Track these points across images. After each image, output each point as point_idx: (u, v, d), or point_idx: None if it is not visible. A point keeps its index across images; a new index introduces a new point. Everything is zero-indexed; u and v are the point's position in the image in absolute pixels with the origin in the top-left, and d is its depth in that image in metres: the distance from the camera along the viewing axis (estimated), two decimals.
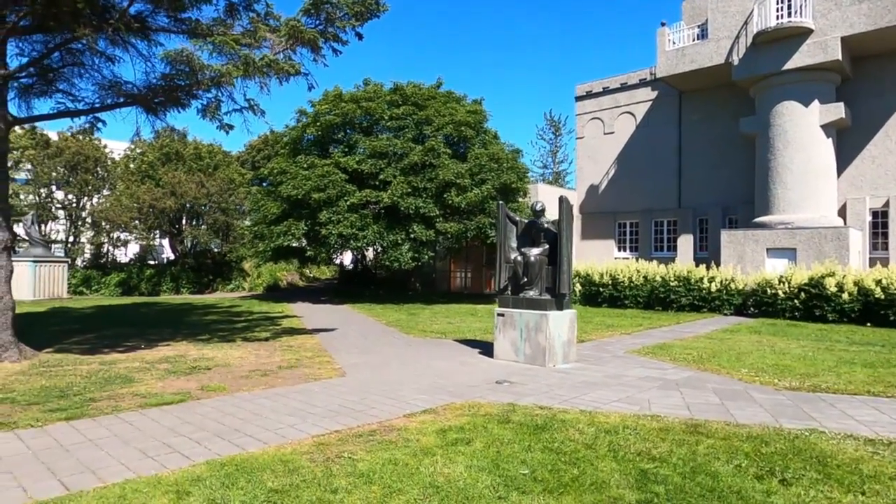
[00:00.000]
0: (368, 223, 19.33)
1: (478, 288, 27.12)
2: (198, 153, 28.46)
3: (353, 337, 12.00)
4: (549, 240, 9.11)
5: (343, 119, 20.50)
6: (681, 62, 23.40)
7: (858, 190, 21.14)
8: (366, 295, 23.77)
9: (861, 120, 20.93)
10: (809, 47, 20.08)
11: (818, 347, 10.71)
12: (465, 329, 13.30)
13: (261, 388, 6.83)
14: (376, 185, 19.97)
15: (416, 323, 14.68)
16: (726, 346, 10.79)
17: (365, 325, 14.42)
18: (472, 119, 20.59)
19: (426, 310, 18.53)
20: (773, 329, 13.65)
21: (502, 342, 9.11)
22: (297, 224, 19.80)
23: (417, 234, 18.99)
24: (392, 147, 19.77)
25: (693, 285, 17.93)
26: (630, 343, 11.21)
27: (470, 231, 19.32)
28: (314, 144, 21.66)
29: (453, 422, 5.39)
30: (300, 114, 21.92)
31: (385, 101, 20.85)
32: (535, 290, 9.00)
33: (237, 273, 29.19)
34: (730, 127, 23.88)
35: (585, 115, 29.57)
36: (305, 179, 19.49)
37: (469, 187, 19.16)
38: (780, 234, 20.09)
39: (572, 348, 9.01)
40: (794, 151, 20.56)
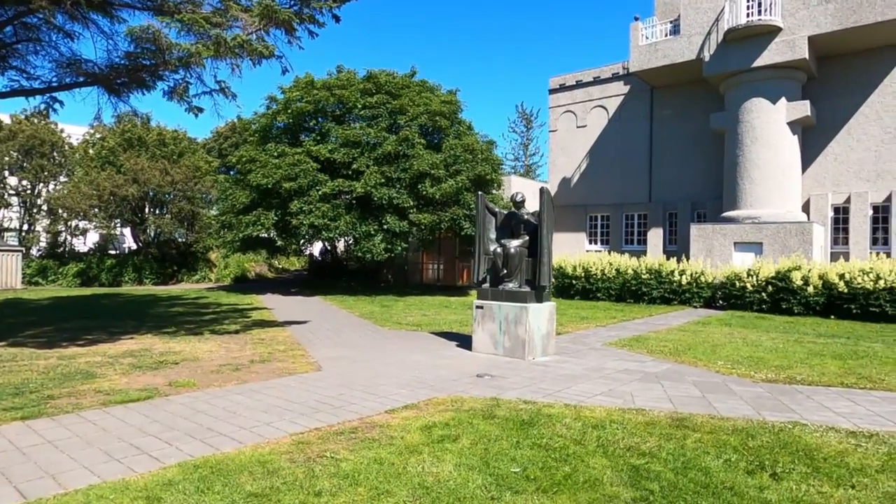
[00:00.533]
0: (341, 213, 18.95)
1: (451, 280, 27.01)
2: (161, 139, 27.45)
3: (326, 329, 11.71)
4: (529, 231, 9.00)
5: (315, 107, 20.02)
6: (653, 57, 23.59)
7: (821, 186, 21.73)
8: (337, 286, 23.39)
9: (825, 118, 21.49)
10: (778, 45, 20.47)
11: (788, 339, 10.92)
12: (441, 321, 13.15)
13: (233, 384, 6.54)
14: (349, 174, 19.58)
15: (391, 315, 14.46)
16: (700, 338, 10.90)
17: (338, 317, 14.13)
18: (446, 109, 20.36)
19: (399, 302, 18.31)
20: (742, 321, 13.90)
21: (481, 335, 8.98)
22: (266, 214, 19.28)
23: (391, 224, 18.72)
24: (365, 136, 19.41)
25: (664, 278, 18.17)
26: (606, 335, 11.23)
27: (444, 222, 19.14)
28: (285, 132, 21.11)
29: (437, 417, 5.23)
30: (270, 100, 21.32)
31: (358, 89, 20.43)
32: (515, 282, 8.89)
33: (203, 264, 28.38)
34: (700, 123, 24.24)
35: (559, 108, 29.64)
36: (276, 168, 18.98)
37: (443, 178, 18.95)
38: (747, 229, 20.51)
39: (551, 341, 8.94)
40: (762, 148, 20.99)
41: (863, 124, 20.98)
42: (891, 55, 20.37)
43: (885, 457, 4.41)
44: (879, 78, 20.66)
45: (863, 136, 20.97)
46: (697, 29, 22.27)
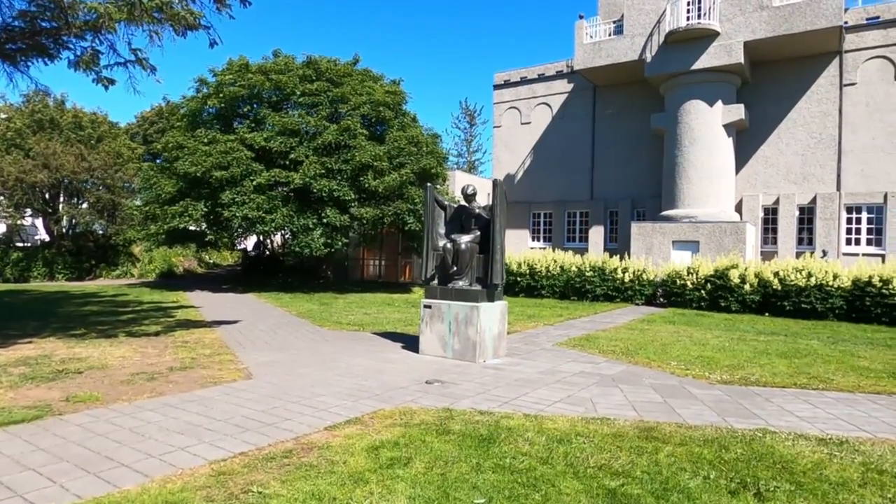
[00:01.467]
0: (277, 206, 17.86)
1: (393, 276, 26.30)
2: (77, 122, 25.16)
3: (259, 330, 10.80)
4: (480, 226, 8.49)
5: (250, 91, 18.78)
6: (597, 56, 23.73)
7: (753, 188, 22.53)
8: (273, 283, 22.20)
9: (757, 122, 22.27)
10: (715, 49, 20.99)
11: (731, 338, 10.98)
12: (384, 321, 12.49)
13: (145, 397, 5.66)
14: (286, 164, 18.50)
15: (330, 314, 13.65)
16: (648, 337, 10.78)
17: (273, 316, 13.18)
18: (390, 100, 19.62)
19: (339, 299, 17.47)
20: (684, 319, 14.02)
21: (429, 336, 8.40)
22: (195, 205, 17.90)
23: (330, 218, 17.81)
24: (304, 125, 18.38)
25: (608, 276, 18.22)
26: (556, 335, 10.93)
27: (387, 217, 18.42)
28: (216, 118, 19.72)
29: (385, 434, 4.61)
30: (200, 83, 19.82)
31: (297, 75, 19.33)
32: (465, 279, 8.37)
33: (125, 258, 26.32)
34: (641, 123, 24.63)
35: (503, 103, 29.45)
36: (205, 155, 17.64)
37: (387, 171, 18.22)
38: (684, 228, 20.96)
39: (503, 342, 8.49)
40: (699, 149, 21.50)
41: (791, 129, 21.87)
42: (818, 64, 21.32)
43: (862, 468, 4.17)
44: (807, 85, 21.59)
45: (791, 140, 21.87)
46: (640, 30, 22.55)
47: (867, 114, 20.66)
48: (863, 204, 20.64)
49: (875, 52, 20.61)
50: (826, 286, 14.48)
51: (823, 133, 21.33)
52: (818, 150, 21.40)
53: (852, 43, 20.86)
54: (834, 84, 21.19)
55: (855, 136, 20.81)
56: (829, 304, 14.46)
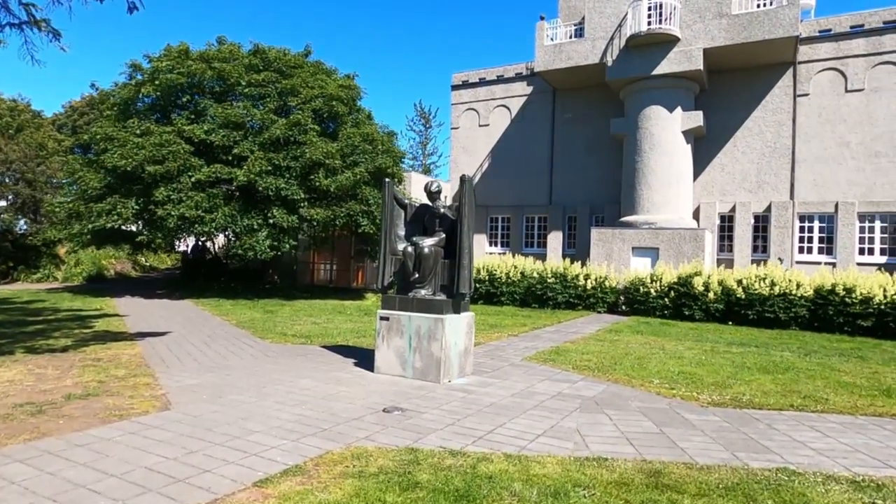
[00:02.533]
0: (218, 204, 16.40)
1: (345, 281, 25.01)
2: None
3: (190, 344, 9.48)
4: (445, 228, 7.55)
5: (189, 80, 17.23)
6: (558, 58, 23.29)
7: (710, 195, 22.54)
8: (214, 288, 20.56)
9: (714, 130, 22.30)
10: (676, 55, 20.86)
11: (704, 349, 10.43)
12: (334, 331, 11.35)
13: (21, 440, 4.40)
14: (229, 160, 17.05)
15: (275, 323, 12.39)
16: (620, 349, 10.09)
17: (209, 326, 11.82)
18: (344, 94, 18.46)
19: (286, 307, 16.15)
20: (651, 329, 13.49)
21: (386, 353, 7.38)
22: (124, 202, 16.21)
23: (277, 219, 16.48)
24: (250, 118, 16.99)
25: (569, 283, 17.62)
26: (523, 347, 10.09)
27: (339, 218, 17.22)
28: (152, 108, 18.05)
29: (334, 492, 3.58)
30: (133, 68, 18.08)
31: (243, 64, 17.92)
32: (429, 288, 7.39)
33: (47, 260, 24.00)
34: (600, 127, 24.35)
35: (461, 104, 28.71)
36: (137, 148, 16.01)
37: (339, 169, 17.05)
38: (644, 234, 20.68)
39: (469, 358, 7.56)
40: (659, 155, 21.30)
41: (747, 137, 21.99)
42: (773, 74, 21.51)
43: None
44: (762, 95, 21.76)
45: (747, 148, 21.98)
46: (601, 33, 22.22)
47: (819, 124, 20.96)
48: (815, 213, 20.89)
49: (827, 64, 20.95)
50: (790, 295, 14.27)
51: (778, 142, 21.52)
52: (773, 158, 21.57)
53: (805, 55, 21.16)
54: (788, 94, 21.43)
55: (808, 146, 21.07)
56: (792, 314, 14.25)
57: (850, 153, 20.44)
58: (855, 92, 20.42)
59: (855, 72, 20.40)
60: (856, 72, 20.38)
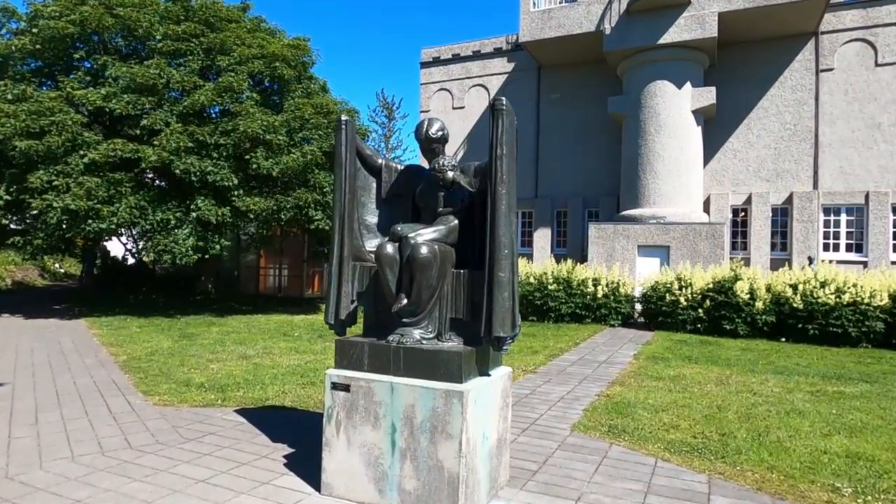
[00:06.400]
0: (122, 193, 12.34)
1: (297, 289, 21.07)
2: None
3: (8, 415, 5.61)
4: (458, 209, 3.98)
5: (82, 30, 13.08)
6: (546, 26, 20.01)
7: (720, 185, 19.65)
8: (129, 302, 16.38)
9: (724, 111, 19.41)
10: (686, 21, 17.86)
11: (810, 391, 7.18)
12: (268, 373, 7.60)
13: None
14: (137, 135, 13.00)
15: (184, 359, 8.54)
16: (700, 398, 6.73)
17: (77, 368, 7.89)
18: (291, 55, 14.60)
19: (214, 327, 12.25)
20: (696, 352, 10.22)
21: (345, 457, 3.73)
22: None
23: (203, 212, 12.53)
24: (165, 79, 12.96)
25: (575, 290, 14.27)
26: (556, 398, 6.60)
27: (285, 211, 13.36)
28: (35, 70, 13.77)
29: None
30: (4, 14, 13.73)
31: (156, 11, 13.88)
32: (428, 325, 3.79)
33: None
34: (593, 109, 21.22)
35: (432, 84, 25.15)
36: (5, 117, 11.82)
37: (285, 148, 13.22)
38: (652, 230, 17.59)
39: (505, 455, 4.00)
40: (667, 138, 18.26)
41: (763, 119, 19.19)
42: (791, 46, 18.76)
43: None
44: (780, 71, 18.99)
45: (763, 131, 19.18)
46: None
47: (845, 103, 18.29)
48: (842, 205, 18.20)
49: (854, 35, 18.30)
50: (861, 304, 11.25)
51: (798, 124, 18.77)
52: (793, 143, 18.81)
53: (829, 24, 18.47)
54: (809, 69, 18.70)
55: (832, 129, 18.38)
56: (864, 328, 11.24)
57: (881, 136, 17.81)
58: (887, 66, 17.79)
59: (886, 42, 17.78)
60: (887, 42, 17.77)
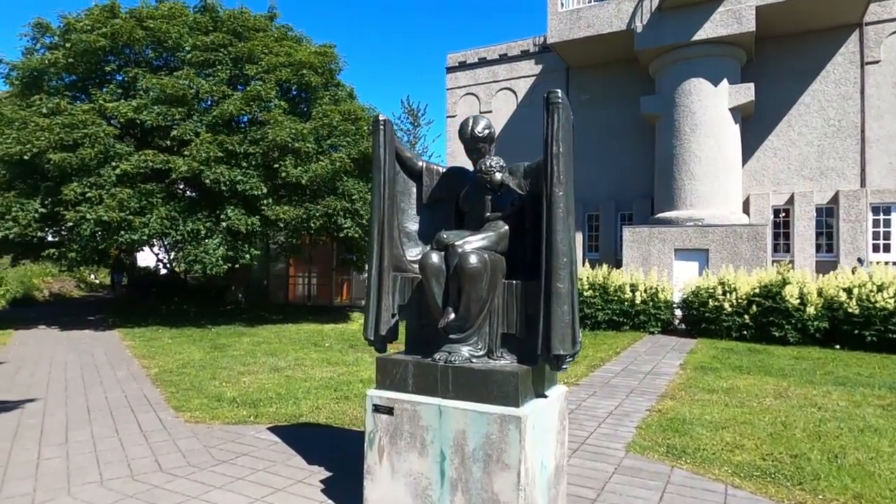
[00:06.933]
0: (153, 204, 12.35)
1: (326, 297, 20.98)
2: None
3: (39, 434, 5.47)
4: (508, 214, 3.66)
5: (114, 43, 13.18)
6: (575, 26, 19.60)
7: (760, 185, 18.90)
8: (161, 312, 16.46)
9: (763, 107, 18.68)
10: (722, 16, 17.25)
11: (881, 405, 6.63)
12: (301, 386, 7.37)
13: None
14: (167, 146, 13.03)
15: (215, 372, 8.38)
16: (761, 414, 6.25)
17: (110, 382, 7.79)
18: (318, 62, 14.51)
19: (245, 337, 12.13)
20: (744, 360, 9.67)
21: (389, 486, 3.43)
22: (23, 203, 12.12)
23: (232, 221, 12.47)
24: (195, 89, 12.98)
25: (612, 296, 13.78)
26: (603, 412, 6.21)
27: (314, 219, 13.22)
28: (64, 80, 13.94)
29: None
30: (38, 29, 13.93)
31: (186, 23, 13.94)
32: (477, 341, 3.47)
33: None
34: (625, 110, 20.69)
35: (458, 89, 24.92)
36: (40, 130, 11.94)
37: (313, 155, 13.10)
38: (689, 233, 16.98)
39: (562, 484, 3.65)
40: (703, 137, 17.64)
41: (804, 115, 18.40)
42: (833, 39, 17.98)
43: None
44: (822, 64, 18.20)
45: (805, 128, 18.39)
46: None
47: (893, 96, 17.42)
48: (892, 203, 17.29)
49: None
50: None
51: (843, 120, 17.94)
52: (837, 139, 17.98)
53: (874, 14, 17.63)
54: (854, 62, 17.87)
55: (880, 123, 17.51)
56: None
57: None
58: None
59: None
60: None
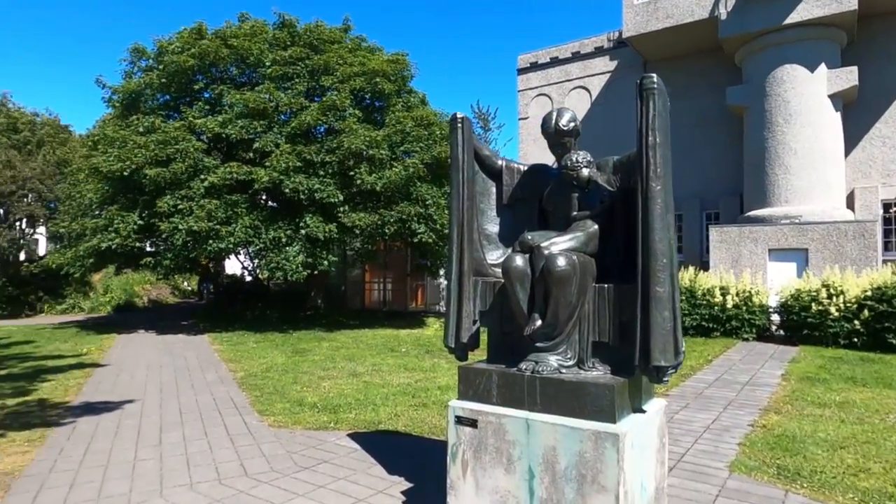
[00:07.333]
0: (238, 213, 12.91)
1: (401, 302, 21.17)
2: (12, 124, 20.56)
3: (136, 434, 5.72)
4: (597, 213, 3.39)
5: (201, 62, 13.94)
6: (653, 18, 18.76)
7: (867, 177, 17.24)
8: (246, 318, 17.19)
9: (868, 92, 17.03)
10: None
11: None
12: (379, 392, 7.35)
13: None
14: (250, 158, 13.60)
15: (298, 375, 8.56)
16: (876, 428, 5.55)
17: (201, 385, 8.12)
18: (391, 70, 14.68)
19: (324, 342, 12.39)
20: (862, 371, 8.72)
21: (473, 501, 3.24)
22: (124, 216, 13.03)
23: (311, 228, 12.80)
24: (274, 103, 13.47)
25: (700, 300, 12.95)
26: (699, 426, 5.74)
27: (389, 225, 13.35)
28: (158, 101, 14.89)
29: None
30: (136, 54, 15.00)
31: (266, 40, 14.52)
32: (566, 350, 3.22)
33: (74, 288, 21.47)
34: (708, 103, 19.56)
35: (530, 90, 24.53)
36: (137, 148, 12.79)
37: (387, 162, 13.23)
38: (785, 232, 15.71)
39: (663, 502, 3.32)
40: (798, 128, 16.32)
41: None
42: None
43: None
44: None
45: None
46: None
47: None
48: None
49: None
50: None
51: None
52: None
53: None
54: None
55: None
56: None
57: None
58: None
59: None
60: None
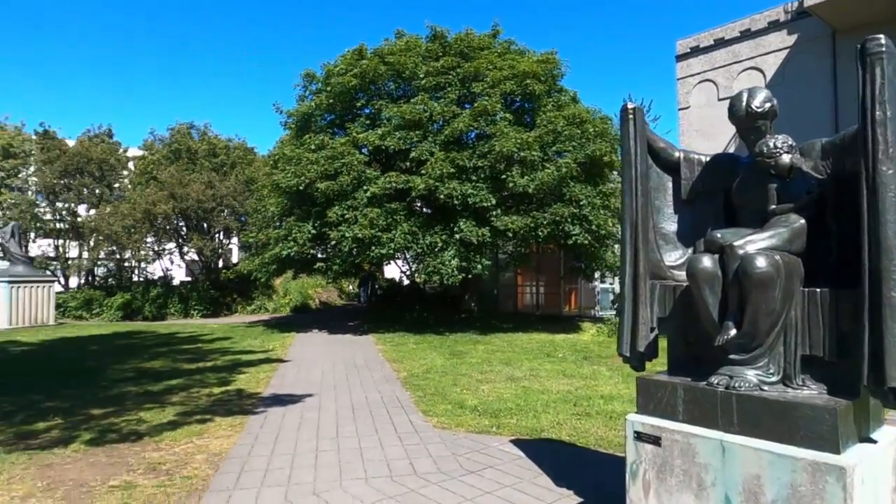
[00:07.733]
0: (397, 221, 13.62)
1: (554, 306, 20.76)
2: (212, 149, 23.94)
3: (316, 427, 6.22)
4: (801, 205, 2.92)
5: (362, 80, 14.97)
6: None
7: None
8: (405, 319, 18.05)
9: None
10: None
11: None
12: (539, 398, 7.20)
13: None
14: (407, 167, 14.28)
15: (457, 377, 8.74)
16: None
17: (369, 383, 8.64)
18: (541, 70, 14.49)
19: (479, 345, 12.54)
20: None
21: None
22: (300, 226, 14.42)
23: (465, 233, 13.06)
24: (428, 113, 14.01)
25: None
26: None
27: (542, 227, 13.14)
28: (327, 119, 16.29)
29: None
30: (307, 79, 16.57)
31: (419, 53, 15.18)
32: (768, 363, 2.80)
33: (260, 291, 24.33)
34: None
35: (691, 77, 22.58)
36: (310, 164, 14.10)
37: (539, 163, 13.04)
38: None
39: None
40: None
41: None
42: None
43: None
44: None
45: None
46: None
47: None
48: None
49: None
50: None
51: None
52: None
53: None
54: None
55: None
56: None
57: None
58: None
59: None
60: None
